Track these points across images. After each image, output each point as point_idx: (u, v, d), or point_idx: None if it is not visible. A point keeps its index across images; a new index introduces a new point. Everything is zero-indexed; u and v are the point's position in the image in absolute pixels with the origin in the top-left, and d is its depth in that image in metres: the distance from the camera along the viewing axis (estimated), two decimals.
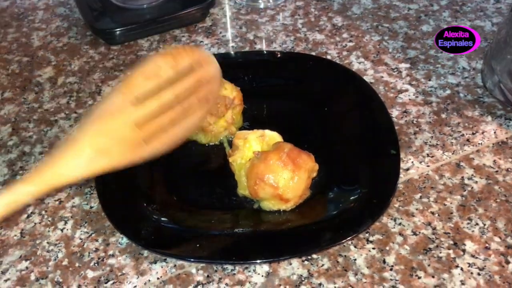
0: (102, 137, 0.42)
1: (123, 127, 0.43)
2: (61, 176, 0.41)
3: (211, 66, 0.48)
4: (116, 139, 0.43)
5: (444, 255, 0.47)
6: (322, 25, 0.75)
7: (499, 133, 0.58)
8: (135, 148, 0.44)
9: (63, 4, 0.83)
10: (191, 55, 0.47)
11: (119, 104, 0.43)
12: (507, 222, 0.49)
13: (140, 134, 0.43)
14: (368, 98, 0.60)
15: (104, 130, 0.42)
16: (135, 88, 0.43)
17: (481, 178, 0.53)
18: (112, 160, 0.43)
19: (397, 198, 0.52)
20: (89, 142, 0.41)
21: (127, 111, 0.43)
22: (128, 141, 0.43)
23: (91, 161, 0.41)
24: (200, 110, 0.47)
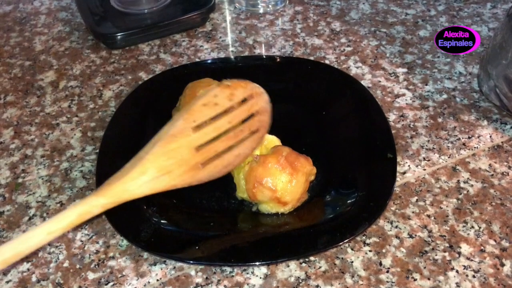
0: (165, 158, 0.45)
1: (183, 150, 0.46)
2: (127, 192, 0.44)
3: (262, 99, 0.51)
4: (177, 160, 0.46)
5: (439, 257, 0.48)
6: (320, 30, 0.75)
7: (494, 137, 0.58)
8: (193, 171, 0.47)
9: (65, 8, 0.84)
10: (246, 88, 0.50)
11: (181, 129, 0.46)
12: (502, 225, 0.50)
13: (198, 157, 0.47)
14: (365, 102, 0.60)
15: (167, 151, 0.45)
16: (195, 115, 0.47)
17: (477, 182, 0.54)
18: (172, 180, 0.46)
19: (393, 201, 0.52)
20: (153, 162, 0.45)
21: (188, 136, 0.46)
22: (187, 163, 0.46)
23: (154, 180, 0.45)
24: (251, 140, 0.50)
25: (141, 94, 0.63)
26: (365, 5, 0.79)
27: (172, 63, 0.71)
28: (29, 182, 0.57)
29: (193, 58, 0.72)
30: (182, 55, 0.72)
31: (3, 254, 0.40)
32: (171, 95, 0.60)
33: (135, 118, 0.61)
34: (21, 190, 0.56)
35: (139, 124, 0.60)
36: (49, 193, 0.55)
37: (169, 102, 0.59)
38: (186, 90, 0.57)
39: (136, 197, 0.45)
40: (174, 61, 0.71)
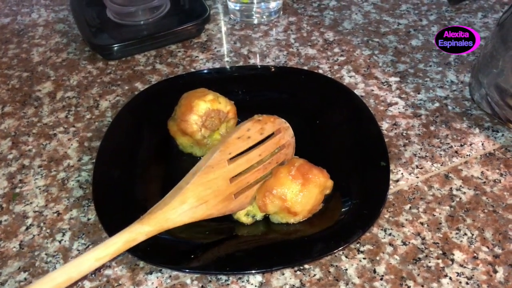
0: (203, 188, 0.47)
1: (219, 181, 0.48)
2: (169, 220, 0.46)
3: (288, 133, 0.53)
4: (213, 190, 0.48)
5: (433, 264, 0.47)
6: (314, 40, 0.75)
7: (486, 145, 0.58)
8: (227, 201, 0.49)
9: (62, 20, 0.83)
10: (274, 123, 0.52)
11: (218, 160, 0.48)
12: (494, 232, 0.50)
13: (232, 188, 0.49)
14: (358, 111, 0.60)
15: (205, 182, 0.47)
16: (230, 147, 0.49)
17: (469, 189, 0.54)
18: (208, 210, 0.48)
19: (387, 209, 0.52)
20: (192, 192, 0.47)
21: (224, 167, 0.48)
22: (223, 193, 0.48)
23: (193, 209, 0.47)
24: (280, 170, 0.51)
25: (137, 104, 0.63)
26: (357, 15, 0.80)
27: (168, 73, 0.71)
28: (26, 192, 0.56)
29: (188, 68, 0.72)
30: (177, 65, 0.72)
31: (55, 279, 0.41)
32: (167, 105, 0.59)
33: (131, 128, 0.60)
34: (18, 200, 0.55)
35: (135, 134, 0.60)
36: (46, 203, 0.55)
37: (165, 112, 0.59)
38: (181, 100, 0.57)
39: (177, 225, 0.46)
40: (170, 71, 0.71)
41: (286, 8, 0.82)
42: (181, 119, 0.55)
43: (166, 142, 0.59)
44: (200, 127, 0.55)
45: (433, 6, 0.80)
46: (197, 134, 0.55)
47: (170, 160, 0.59)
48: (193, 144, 0.57)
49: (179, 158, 0.58)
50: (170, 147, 0.59)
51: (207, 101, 0.55)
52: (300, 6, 0.83)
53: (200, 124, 0.55)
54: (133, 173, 0.55)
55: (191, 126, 0.55)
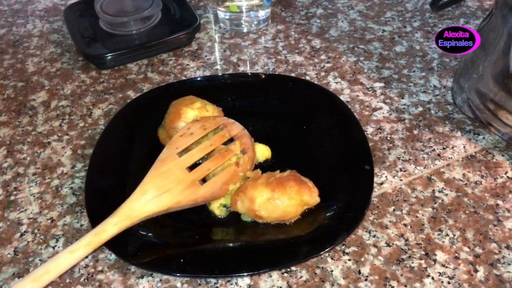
0: (160, 178, 0.51)
1: (175, 170, 0.52)
2: (135, 211, 0.48)
3: (235, 126, 0.57)
4: (171, 179, 0.51)
5: (416, 265, 0.48)
6: (301, 48, 0.76)
7: (468, 148, 0.59)
8: (192, 187, 0.51)
9: (56, 31, 0.84)
10: (215, 120, 0.56)
11: (167, 155, 0.53)
12: (475, 233, 0.50)
13: (192, 176, 0.52)
14: (344, 116, 0.61)
15: (160, 173, 0.51)
16: (176, 144, 0.54)
17: (451, 191, 0.54)
18: (174, 197, 0.50)
19: (371, 211, 0.52)
20: (150, 183, 0.50)
21: (175, 159, 0.53)
22: (183, 181, 0.51)
23: (157, 198, 0.50)
24: (244, 159, 0.54)
25: (129, 112, 0.63)
26: (344, 23, 0.80)
27: (159, 81, 0.71)
28: (21, 199, 0.56)
29: (179, 76, 0.72)
30: (169, 73, 0.73)
31: (36, 277, 0.44)
32: (158, 113, 0.60)
33: (124, 136, 0.61)
34: (13, 207, 0.56)
35: (127, 141, 0.60)
36: (40, 210, 0.55)
37: (157, 119, 0.60)
38: (170, 108, 0.57)
39: (145, 215, 0.49)
40: (161, 79, 0.72)
41: (274, 17, 0.83)
42: (169, 127, 0.56)
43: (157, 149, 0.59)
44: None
45: (416, 13, 0.81)
46: None
47: None
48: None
49: None
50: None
51: (195, 108, 0.56)
52: (288, 14, 0.83)
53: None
54: (125, 180, 0.55)
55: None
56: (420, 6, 0.82)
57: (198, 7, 0.86)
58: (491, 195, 0.53)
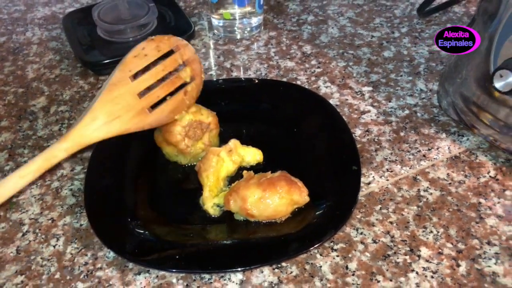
0: (111, 104, 0.51)
1: (126, 96, 0.51)
2: (85, 136, 0.50)
3: (188, 49, 0.56)
4: (122, 106, 0.51)
5: (401, 260, 0.50)
6: (292, 53, 0.78)
7: (452, 149, 0.61)
8: (141, 115, 0.52)
9: (55, 38, 0.86)
10: (170, 40, 0.55)
11: (119, 78, 0.51)
12: (458, 229, 0.52)
13: (143, 103, 0.52)
14: (333, 119, 0.63)
15: (111, 98, 0.51)
16: (129, 66, 0.52)
17: (436, 190, 0.56)
18: (124, 124, 0.51)
19: (359, 210, 0.54)
20: (101, 109, 0.50)
21: (127, 84, 0.51)
22: (134, 108, 0.52)
23: (107, 124, 0.50)
24: (191, 87, 0.55)
25: None
26: (334, 29, 0.82)
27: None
28: (22, 200, 0.58)
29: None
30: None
31: None
32: None
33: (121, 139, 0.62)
34: (15, 209, 0.58)
35: (124, 145, 0.62)
36: (41, 211, 0.57)
37: None
38: None
39: (95, 141, 0.51)
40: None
41: (267, 24, 0.85)
42: (165, 130, 0.58)
43: (153, 151, 0.61)
44: (184, 137, 0.57)
45: (404, 19, 0.83)
46: (181, 144, 0.57)
47: (157, 168, 0.61)
48: (177, 153, 0.59)
49: (166, 166, 0.60)
50: (157, 156, 0.61)
51: (190, 112, 0.58)
52: (280, 21, 0.85)
53: (183, 134, 0.57)
54: (122, 181, 0.58)
55: (175, 137, 0.57)
56: (408, 13, 0.85)
57: (192, 14, 0.89)
58: (474, 194, 0.55)
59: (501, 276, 0.48)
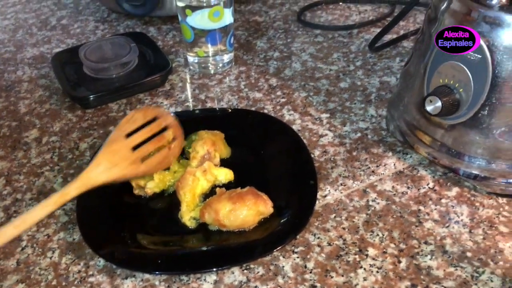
0: (110, 155, 0.62)
1: (122, 149, 0.63)
2: (91, 179, 0.60)
3: (168, 117, 0.68)
4: (119, 156, 0.62)
5: (351, 259, 0.58)
6: (260, 86, 0.87)
7: (397, 165, 0.70)
8: (135, 164, 0.63)
9: (44, 76, 0.94)
10: (154, 110, 0.69)
11: (116, 136, 0.64)
12: (400, 232, 0.61)
13: (135, 154, 0.63)
14: (295, 142, 0.71)
15: (111, 151, 0.62)
16: (123, 128, 0.64)
17: (382, 200, 0.65)
18: (121, 170, 0.62)
19: (316, 218, 0.63)
20: (103, 158, 0.62)
21: (122, 141, 0.63)
22: (128, 158, 0.63)
23: (108, 170, 0.61)
24: (174, 145, 0.67)
25: None
26: (296, 64, 0.92)
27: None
28: None
29: None
30: None
31: (15, 222, 0.55)
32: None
33: None
34: None
35: None
36: (37, 228, 0.64)
37: None
38: None
39: (100, 183, 0.60)
40: None
41: (237, 60, 0.94)
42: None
43: None
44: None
45: (359, 54, 0.93)
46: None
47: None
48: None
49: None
50: None
51: None
52: (249, 57, 0.95)
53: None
54: (109, 200, 0.65)
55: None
56: (362, 48, 0.95)
57: (170, 52, 0.98)
58: (414, 202, 0.64)
59: (435, 269, 0.57)
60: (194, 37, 0.87)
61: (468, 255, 0.58)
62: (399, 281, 0.56)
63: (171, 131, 0.67)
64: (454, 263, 0.57)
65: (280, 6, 1.11)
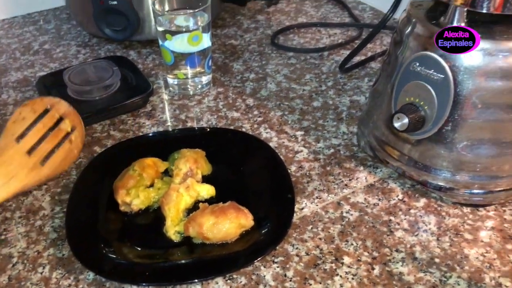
0: (3, 166, 0.56)
1: (15, 156, 0.57)
2: None
3: (62, 105, 0.62)
4: (14, 166, 0.56)
5: (328, 267, 0.61)
6: (238, 106, 0.90)
7: (369, 178, 0.73)
8: (35, 169, 0.58)
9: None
10: (42, 101, 0.62)
11: (5, 143, 0.57)
12: (373, 241, 0.64)
13: (32, 159, 0.58)
14: (272, 159, 0.74)
15: (3, 162, 0.56)
16: (11, 131, 0.58)
17: (355, 212, 0.68)
18: (20, 181, 0.57)
19: (294, 230, 0.65)
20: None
21: (13, 146, 0.57)
22: (26, 165, 0.57)
23: (5, 185, 0.56)
24: (75, 136, 0.62)
25: (96, 164, 0.75)
26: (272, 85, 0.95)
27: (120, 138, 0.83)
28: (10, 237, 0.66)
29: (137, 133, 0.84)
30: (128, 131, 0.85)
31: None
32: (121, 163, 0.72)
33: (93, 183, 0.72)
34: (4, 244, 0.65)
35: (96, 187, 0.71)
36: (27, 245, 0.65)
37: (119, 168, 0.71)
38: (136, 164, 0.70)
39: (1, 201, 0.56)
40: (122, 136, 0.83)
41: (215, 81, 0.97)
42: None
43: None
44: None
45: (330, 75, 0.97)
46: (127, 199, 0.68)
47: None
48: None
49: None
50: None
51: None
52: (226, 79, 0.98)
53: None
54: (96, 217, 0.67)
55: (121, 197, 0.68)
56: (333, 69, 0.99)
57: (150, 75, 1.00)
58: (385, 213, 0.68)
59: (406, 275, 0.60)
60: (174, 60, 0.89)
61: (436, 261, 0.61)
62: (373, 286, 0.58)
63: (67, 120, 0.61)
64: (423, 268, 0.60)
65: (254, 30, 1.15)
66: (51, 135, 0.59)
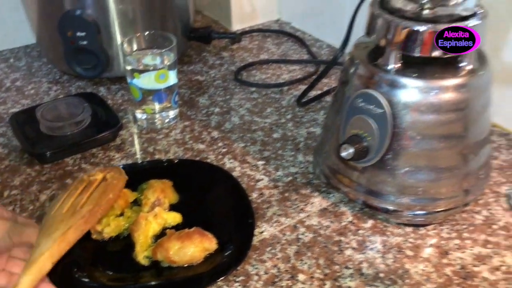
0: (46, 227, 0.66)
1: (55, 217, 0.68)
2: (41, 270, 0.62)
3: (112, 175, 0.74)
4: (57, 220, 0.67)
5: (284, 284, 0.67)
6: (203, 138, 0.97)
7: (322, 203, 0.81)
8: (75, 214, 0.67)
9: (2, 135, 0.98)
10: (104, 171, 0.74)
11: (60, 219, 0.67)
12: (325, 260, 0.71)
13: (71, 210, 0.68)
14: (235, 187, 0.81)
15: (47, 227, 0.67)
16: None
17: (310, 233, 0.75)
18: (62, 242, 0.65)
19: (254, 251, 0.72)
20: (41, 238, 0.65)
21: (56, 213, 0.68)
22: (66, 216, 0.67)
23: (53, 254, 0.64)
24: (110, 175, 0.73)
25: None
26: (235, 118, 1.02)
27: (91, 170, 0.89)
28: None
29: (107, 165, 0.89)
30: (99, 164, 0.90)
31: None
32: None
33: None
34: None
35: None
36: None
37: None
38: None
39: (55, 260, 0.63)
40: (93, 169, 0.89)
41: (182, 115, 1.03)
42: None
43: None
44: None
45: (289, 108, 1.05)
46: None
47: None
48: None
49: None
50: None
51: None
52: (192, 113, 1.05)
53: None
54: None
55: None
56: (291, 103, 1.06)
57: (119, 110, 1.06)
58: (337, 234, 0.75)
59: None
60: (142, 96, 0.96)
61: (381, 276, 0.68)
62: None
63: (98, 170, 0.74)
64: (369, 283, 0.67)
65: (219, 67, 1.23)
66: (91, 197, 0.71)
